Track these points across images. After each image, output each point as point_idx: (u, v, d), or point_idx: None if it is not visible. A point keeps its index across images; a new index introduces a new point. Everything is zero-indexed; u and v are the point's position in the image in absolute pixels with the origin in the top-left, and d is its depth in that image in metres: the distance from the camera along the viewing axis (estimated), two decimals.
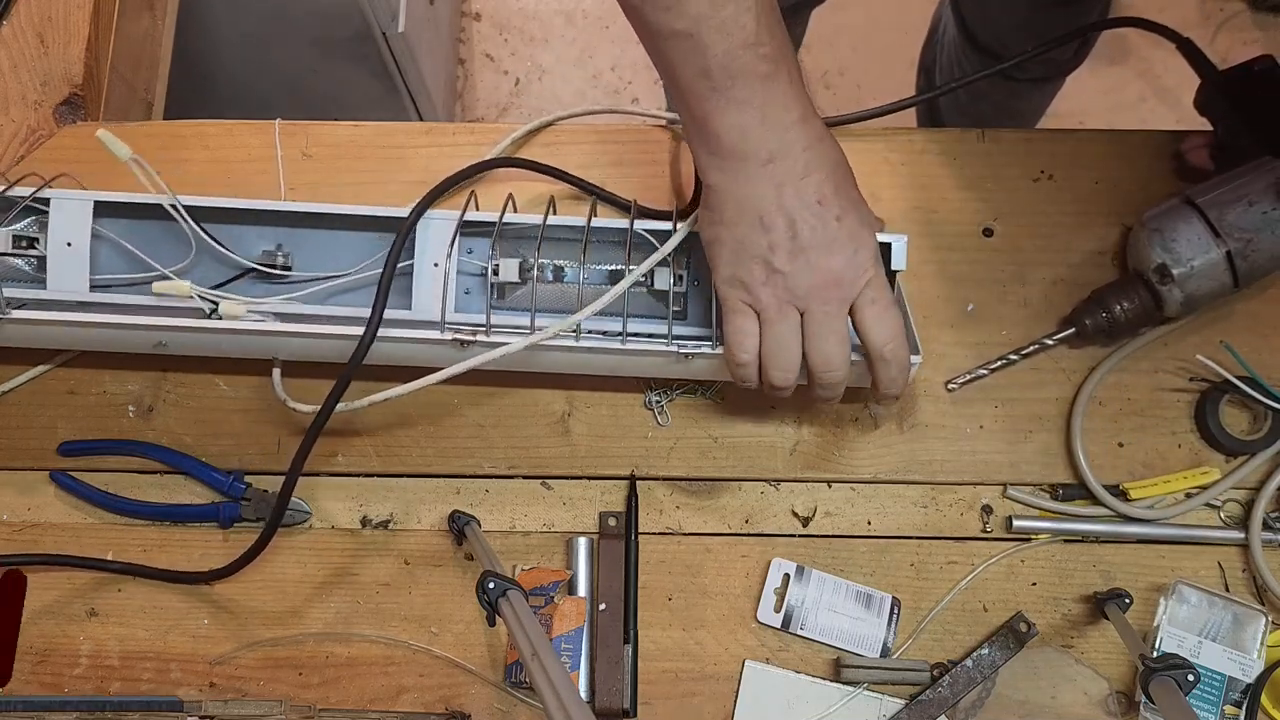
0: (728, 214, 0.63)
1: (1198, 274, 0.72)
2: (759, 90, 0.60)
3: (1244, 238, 0.71)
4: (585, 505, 0.78)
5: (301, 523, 0.78)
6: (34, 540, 0.78)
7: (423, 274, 0.73)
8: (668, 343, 0.71)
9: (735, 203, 0.63)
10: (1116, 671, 0.74)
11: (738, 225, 0.63)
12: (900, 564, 0.76)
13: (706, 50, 0.59)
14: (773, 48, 0.60)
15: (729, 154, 0.62)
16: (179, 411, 0.80)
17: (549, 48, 1.97)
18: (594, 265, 0.75)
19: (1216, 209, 0.72)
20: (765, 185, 0.62)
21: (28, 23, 0.87)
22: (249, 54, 1.42)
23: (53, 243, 0.73)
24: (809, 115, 0.62)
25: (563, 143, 0.84)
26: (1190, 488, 0.76)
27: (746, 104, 0.60)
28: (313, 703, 0.74)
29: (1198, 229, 0.72)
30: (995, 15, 1.20)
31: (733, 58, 0.59)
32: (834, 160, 0.63)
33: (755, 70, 0.59)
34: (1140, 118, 1.85)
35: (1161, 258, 0.72)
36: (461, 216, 0.73)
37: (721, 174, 0.63)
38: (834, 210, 0.62)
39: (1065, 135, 0.84)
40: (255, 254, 0.76)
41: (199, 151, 0.84)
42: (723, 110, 0.60)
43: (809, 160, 0.62)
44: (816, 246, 0.63)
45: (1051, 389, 0.78)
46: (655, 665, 0.75)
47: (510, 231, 0.75)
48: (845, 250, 0.63)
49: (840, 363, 0.65)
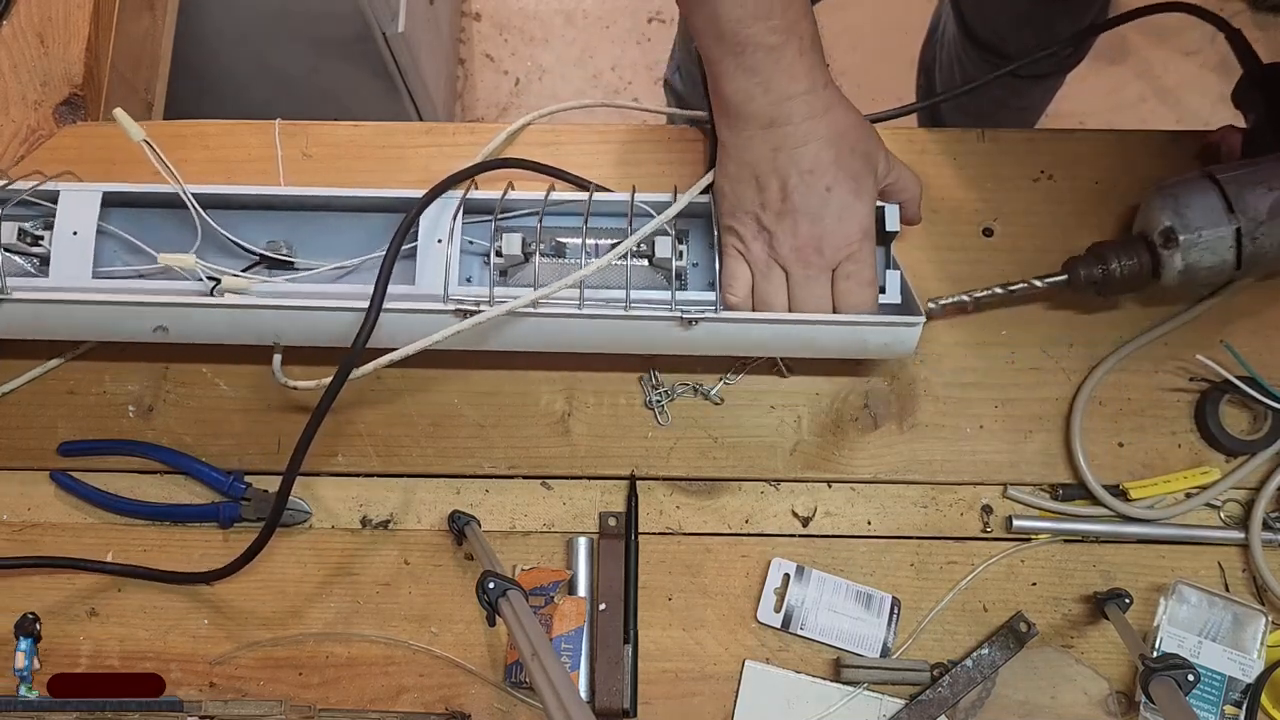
0: (730, 169, 0.68)
1: (1203, 245, 0.71)
2: (765, 60, 0.64)
3: (1256, 219, 0.70)
4: (585, 505, 0.78)
5: (301, 522, 0.78)
6: (34, 540, 0.78)
7: (427, 252, 0.73)
8: (671, 309, 0.71)
9: (737, 159, 0.68)
10: (1116, 671, 0.74)
11: (738, 180, 0.68)
12: (900, 564, 0.76)
13: (720, 18, 0.63)
14: (784, 20, 0.63)
15: (734, 115, 0.66)
16: (179, 411, 0.80)
17: (549, 48, 1.97)
18: (595, 240, 0.75)
19: (1235, 185, 0.71)
20: (763, 147, 0.66)
21: (28, 23, 0.87)
22: (249, 54, 1.42)
23: (58, 233, 0.73)
24: (817, 86, 0.65)
25: (563, 142, 0.84)
26: (1190, 488, 0.76)
27: (753, 71, 0.64)
28: (313, 703, 0.74)
29: (1213, 201, 0.71)
30: (994, 11, 1.20)
31: (744, 26, 0.63)
32: (836, 132, 0.66)
33: (764, 41, 0.63)
34: (1140, 118, 1.85)
35: (1171, 220, 0.71)
36: (464, 195, 0.74)
37: (729, 131, 0.68)
38: (825, 180, 0.66)
39: (1065, 135, 0.84)
40: (260, 245, 0.76)
41: (199, 151, 0.84)
42: (732, 74, 0.65)
43: (808, 130, 0.65)
44: (803, 212, 0.67)
45: (1051, 389, 0.78)
46: (655, 665, 0.75)
47: (511, 215, 0.75)
48: (830, 219, 0.67)
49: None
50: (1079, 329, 0.79)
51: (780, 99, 0.65)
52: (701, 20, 0.64)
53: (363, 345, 0.68)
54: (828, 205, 0.66)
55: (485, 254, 0.75)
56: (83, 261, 0.73)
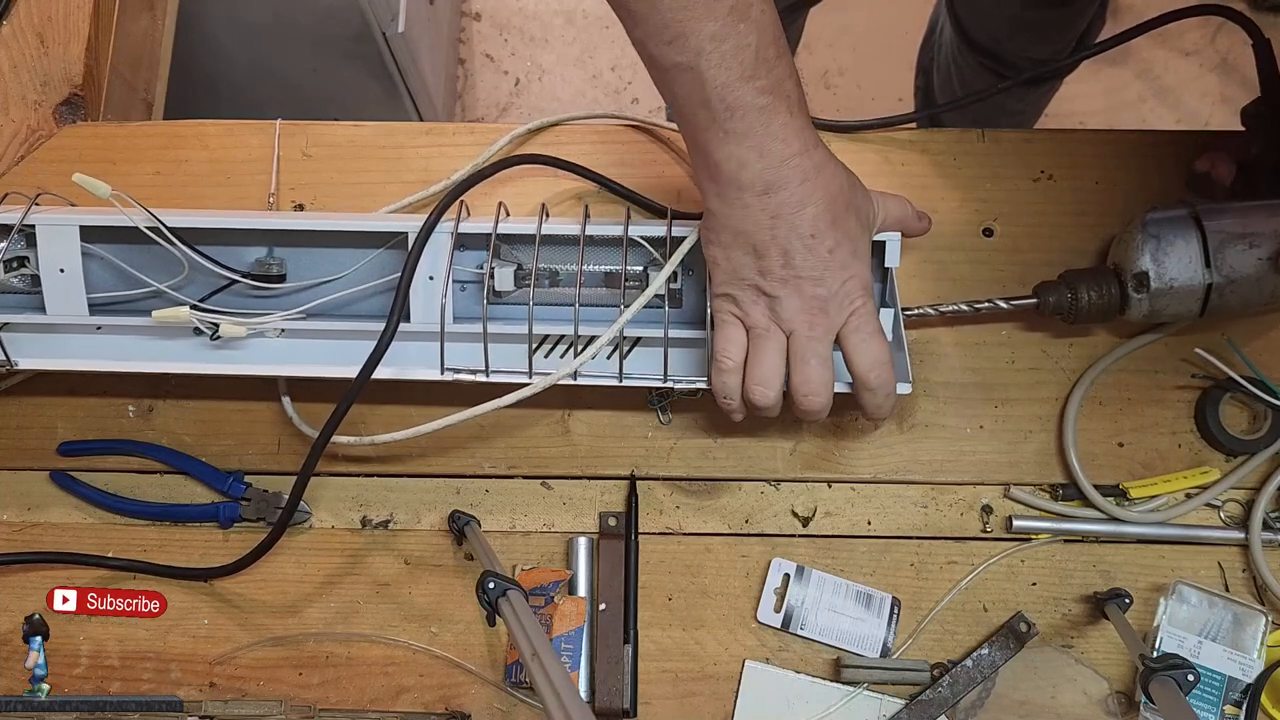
0: (724, 238, 0.65)
1: (1173, 294, 0.71)
2: (756, 123, 0.61)
3: (1230, 277, 0.70)
4: (585, 505, 0.78)
5: (302, 523, 0.78)
6: (34, 540, 0.78)
7: (418, 286, 0.72)
8: (664, 380, 0.72)
9: (731, 229, 0.65)
10: (1116, 671, 0.74)
11: (733, 249, 0.65)
12: (900, 564, 0.76)
13: (706, 83, 0.60)
14: (770, 81, 0.60)
15: (727, 183, 0.63)
16: (179, 411, 0.80)
17: (549, 48, 1.97)
18: (590, 267, 0.74)
19: (1218, 238, 0.70)
20: (761, 215, 0.63)
21: (28, 23, 0.87)
22: (249, 54, 1.42)
23: (45, 268, 0.72)
24: (809, 147, 0.63)
25: (564, 143, 0.84)
26: (1190, 488, 0.76)
27: (744, 136, 0.61)
28: (313, 703, 0.74)
29: (1194, 251, 0.70)
30: (988, 14, 1.20)
31: (730, 90, 0.60)
32: (832, 192, 0.64)
33: (753, 104, 0.60)
34: (1140, 118, 1.85)
35: (1147, 266, 0.71)
36: (456, 229, 0.72)
37: (720, 200, 0.64)
38: (827, 242, 0.64)
39: (1065, 135, 0.84)
40: (248, 261, 0.75)
41: (199, 151, 0.84)
42: (721, 141, 0.62)
43: (805, 194, 0.63)
44: (807, 276, 0.64)
45: (1051, 389, 0.78)
46: (655, 665, 0.75)
47: (504, 237, 0.74)
48: (835, 281, 0.65)
49: (820, 387, 0.66)
50: (1079, 329, 0.79)
51: (775, 163, 0.62)
52: (684, 88, 0.61)
53: (350, 404, 0.70)
54: (830, 268, 0.64)
55: (477, 278, 0.74)
56: (76, 297, 0.73)
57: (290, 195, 0.83)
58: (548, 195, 0.82)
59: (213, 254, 0.73)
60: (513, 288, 0.73)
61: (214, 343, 0.73)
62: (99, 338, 0.75)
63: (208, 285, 0.75)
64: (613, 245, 0.74)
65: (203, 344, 0.74)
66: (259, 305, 0.75)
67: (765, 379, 0.67)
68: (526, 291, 0.72)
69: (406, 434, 0.73)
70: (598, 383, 0.72)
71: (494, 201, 0.74)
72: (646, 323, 0.73)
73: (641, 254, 0.73)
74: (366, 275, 0.74)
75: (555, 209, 0.82)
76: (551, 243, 0.74)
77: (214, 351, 0.74)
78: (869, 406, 0.68)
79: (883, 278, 0.73)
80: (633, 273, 0.74)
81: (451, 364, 0.72)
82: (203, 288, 0.75)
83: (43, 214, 0.72)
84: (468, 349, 0.72)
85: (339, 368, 0.72)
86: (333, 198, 0.83)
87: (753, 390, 0.67)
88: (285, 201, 0.83)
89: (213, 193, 0.83)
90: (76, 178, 0.69)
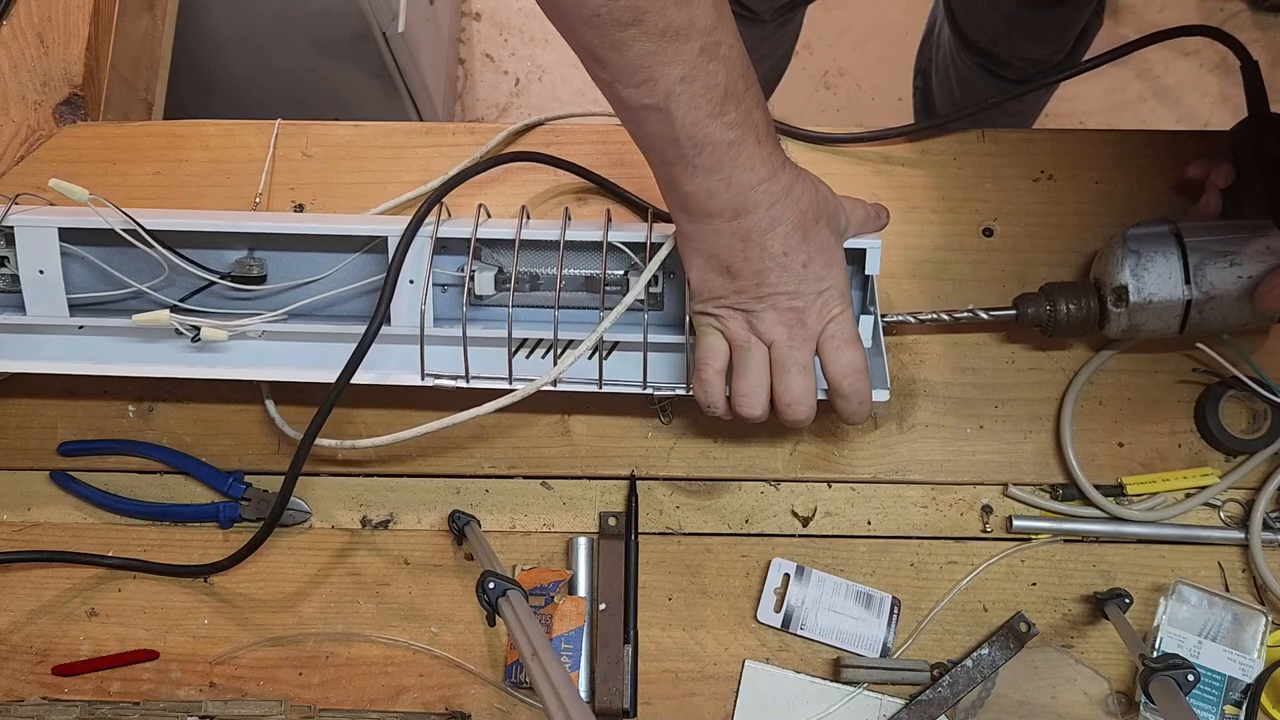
0: (697, 260, 0.66)
1: (1151, 309, 0.71)
2: (725, 157, 0.61)
3: (1209, 294, 0.70)
4: (585, 505, 0.78)
5: (301, 522, 0.78)
6: (34, 540, 0.78)
7: (399, 289, 0.72)
8: (643, 387, 0.72)
9: (704, 252, 0.65)
10: (1116, 671, 0.74)
11: (707, 271, 0.66)
12: (900, 564, 0.76)
13: (675, 122, 0.60)
14: (739, 114, 0.60)
15: (695, 210, 0.64)
16: (179, 411, 0.80)
17: (549, 48, 1.97)
18: (570, 271, 0.74)
19: (1199, 255, 0.70)
20: (731, 240, 0.64)
21: (28, 23, 0.87)
22: (249, 54, 1.42)
23: (24, 270, 0.72)
24: (776, 171, 0.63)
25: (562, 143, 0.84)
26: (1190, 487, 0.76)
27: (713, 171, 0.61)
28: (313, 703, 0.74)
29: (1174, 267, 0.70)
30: (983, 12, 1.20)
31: (700, 129, 0.60)
32: (802, 208, 0.64)
33: (722, 139, 0.60)
34: (1140, 118, 1.85)
35: (1127, 280, 0.71)
36: (435, 234, 0.72)
37: (690, 224, 0.65)
38: (800, 258, 0.64)
39: (1065, 135, 0.84)
40: (229, 262, 0.75)
41: (199, 151, 0.84)
42: (690, 175, 0.62)
43: (775, 216, 0.63)
44: (782, 292, 0.65)
45: (1051, 389, 0.78)
46: (655, 665, 0.75)
47: (484, 240, 0.74)
48: (811, 292, 0.65)
49: (802, 395, 0.67)
50: None
51: (744, 191, 0.62)
52: (653, 127, 0.61)
53: (330, 408, 0.70)
54: (805, 281, 0.65)
55: (458, 281, 0.74)
56: (56, 299, 0.73)
57: (290, 195, 0.83)
58: (539, 191, 0.82)
59: (198, 255, 0.73)
60: (493, 291, 0.73)
61: (195, 345, 0.73)
62: (82, 339, 0.75)
63: (190, 286, 0.75)
64: (594, 249, 0.74)
65: (185, 346, 0.74)
66: (240, 307, 0.75)
67: (750, 390, 0.67)
68: (507, 295, 0.71)
69: (388, 439, 0.73)
70: (578, 389, 0.73)
71: (484, 201, 0.74)
72: (628, 325, 0.73)
73: (623, 258, 0.73)
74: (348, 277, 0.75)
75: (545, 205, 0.82)
76: (532, 246, 0.74)
77: (196, 354, 0.75)
78: (843, 413, 0.69)
79: (863, 285, 0.73)
80: (613, 277, 0.74)
81: (432, 369, 0.72)
82: (185, 288, 0.75)
83: (22, 214, 0.72)
84: (450, 352, 0.72)
85: (320, 372, 0.72)
86: (333, 198, 0.83)
87: (739, 402, 0.68)
88: (285, 201, 0.83)
89: (213, 193, 0.83)
90: (53, 183, 0.70)
